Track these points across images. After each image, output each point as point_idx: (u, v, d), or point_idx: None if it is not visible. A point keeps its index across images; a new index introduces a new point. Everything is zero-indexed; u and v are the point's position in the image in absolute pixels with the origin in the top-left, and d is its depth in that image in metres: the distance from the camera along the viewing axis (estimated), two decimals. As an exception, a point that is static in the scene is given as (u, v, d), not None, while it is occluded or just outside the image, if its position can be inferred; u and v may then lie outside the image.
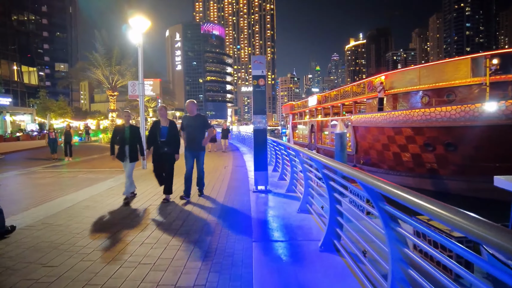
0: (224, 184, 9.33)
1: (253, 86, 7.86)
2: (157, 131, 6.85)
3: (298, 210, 6.10)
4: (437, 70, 17.52)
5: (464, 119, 14.51)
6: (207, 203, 7.12)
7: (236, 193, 7.98)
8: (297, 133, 43.13)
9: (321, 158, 4.42)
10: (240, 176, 10.95)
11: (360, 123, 21.60)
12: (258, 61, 7.88)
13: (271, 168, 11.61)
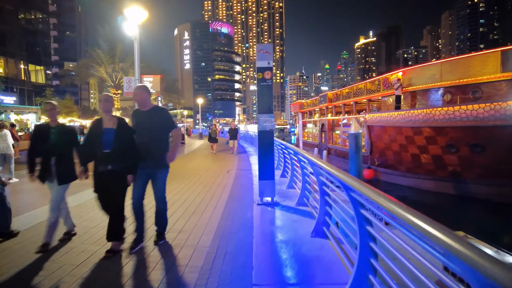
0: (225, 192, 8.14)
1: (258, 80, 6.64)
2: (97, 137, 4.13)
3: (312, 233, 4.87)
4: (461, 65, 16.01)
5: (494, 118, 13.04)
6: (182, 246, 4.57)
7: (237, 206, 6.79)
8: (307, 132, 41.74)
9: (347, 178, 3.24)
10: (244, 182, 9.75)
11: (375, 122, 20.17)
12: (264, 51, 6.65)
13: (279, 173, 10.39)
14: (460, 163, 15.40)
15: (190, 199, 7.49)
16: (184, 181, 10.02)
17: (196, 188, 8.78)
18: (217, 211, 6.36)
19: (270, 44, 6.79)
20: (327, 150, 30.70)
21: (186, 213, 6.24)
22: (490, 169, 14.36)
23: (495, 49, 14.99)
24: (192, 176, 11.10)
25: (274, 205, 6.69)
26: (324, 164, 4.26)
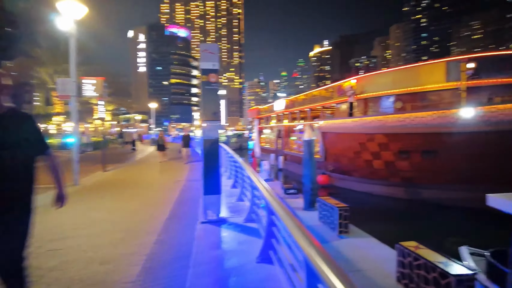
0: (166, 210, 7.24)
1: (202, 83, 5.92)
2: None
3: (259, 258, 4.22)
4: (411, 73, 16.58)
5: (441, 125, 13.49)
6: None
7: (178, 227, 5.96)
8: (264, 138, 41.59)
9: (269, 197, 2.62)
10: (192, 195, 8.91)
11: (329, 129, 20.29)
12: (209, 51, 5.96)
13: (230, 183, 9.70)
14: (412, 168, 15.80)
15: (123, 219, 6.50)
16: (119, 196, 8.90)
17: (133, 206, 7.74)
18: (153, 234, 5.47)
19: (215, 44, 6.11)
20: (284, 156, 30.64)
21: (114, 238, 5.29)
22: (439, 174, 14.85)
23: (440, 60, 15.71)
24: (131, 190, 9.97)
25: (220, 222, 5.97)
26: (261, 183, 3.64)
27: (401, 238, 10.53)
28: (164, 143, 19.29)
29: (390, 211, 15.85)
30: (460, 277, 4.76)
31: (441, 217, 14.15)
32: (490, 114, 12.18)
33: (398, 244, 6.05)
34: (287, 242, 3.92)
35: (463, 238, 11.36)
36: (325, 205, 9.97)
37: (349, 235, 9.36)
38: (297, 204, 13.32)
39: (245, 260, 4.26)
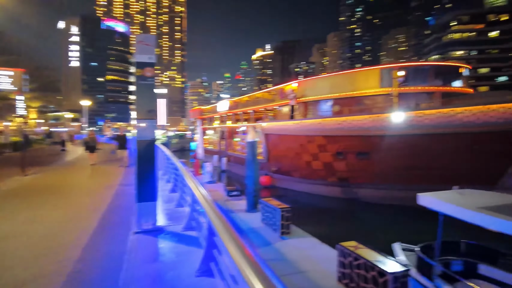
0: (95, 218, 6.47)
1: (137, 78, 5.36)
2: None
3: (199, 271, 3.86)
4: (348, 79, 17.46)
5: (375, 128, 14.34)
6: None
7: (107, 238, 5.32)
8: (207, 139, 40.82)
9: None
10: (126, 201, 8.16)
11: (272, 131, 20.51)
12: (145, 43, 5.43)
13: (169, 186, 9.12)
14: (348, 169, 16.58)
15: (41, 232, 5.62)
16: (39, 205, 7.78)
17: (55, 215, 6.79)
18: (76, 249, 4.78)
19: (152, 36, 5.58)
20: (227, 157, 30.32)
21: (28, 256, 4.51)
22: (373, 174, 15.79)
23: (375, 67, 16.81)
24: (54, 196, 8.82)
25: (156, 232, 5.45)
26: (195, 189, 3.32)
27: (339, 236, 10.84)
28: (96, 143, 17.58)
29: (328, 210, 16.46)
30: (395, 274, 4.93)
31: (375, 215, 15.07)
32: (418, 119, 13.26)
33: (338, 244, 6.12)
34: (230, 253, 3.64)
35: (396, 234, 12.18)
36: (268, 206, 9.90)
37: (291, 236, 9.39)
38: (240, 206, 13.09)
39: (184, 274, 3.87)
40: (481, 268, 6.59)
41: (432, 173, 13.97)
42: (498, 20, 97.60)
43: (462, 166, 13.06)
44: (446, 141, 12.92)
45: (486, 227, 5.31)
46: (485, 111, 11.66)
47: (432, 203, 6.30)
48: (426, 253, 6.65)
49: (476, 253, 6.94)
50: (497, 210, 5.38)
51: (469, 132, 12.13)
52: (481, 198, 6.31)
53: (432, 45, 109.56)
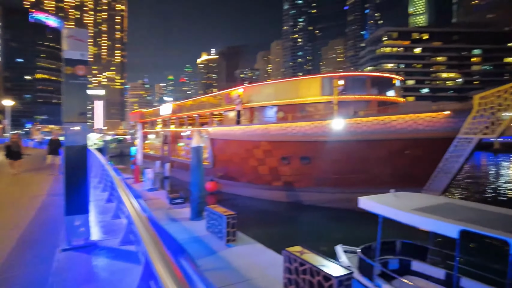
0: (15, 235, 5.64)
1: (66, 76, 4.79)
2: None
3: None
4: (291, 86, 17.95)
5: (317, 134, 14.87)
6: None
7: (29, 257, 4.62)
8: (148, 144, 39.05)
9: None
10: (54, 214, 7.28)
11: (218, 136, 20.24)
12: (76, 37, 4.88)
13: (105, 196, 8.38)
14: (292, 173, 16.95)
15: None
16: None
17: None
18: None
19: (84, 31, 5.04)
20: (170, 163, 29.23)
21: None
22: (315, 178, 16.33)
23: (317, 76, 17.56)
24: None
25: (89, 248, 4.89)
26: (126, 201, 3.01)
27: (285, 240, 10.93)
28: (20, 149, 15.48)
29: (274, 214, 16.64)
30: (340, 278, 5.04)
31: (318, 218, 15.57)
32: (356, 125, 14.04)
33: (284, 250, 6.09)
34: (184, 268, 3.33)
35: (337, 235, 12.69)
36: (213, 213, 9.62)
37: (237, 243, 9.22)
38: (184, 214, 12.57)
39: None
40: (414, 264, 7.06)
41: (369, 177, 14.89)
42: (421, 38, 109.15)
43: (395, 170, 14.11)
44: (381, 147, 13.87)
45: (419, 227, 5.67)
46: (415, 119, 12.77)
47: (371, 206, 6.60)
48: (366, 254, 6.93)
49: (409, 251, 7.43)
50: (428, 211, 5.78)
51: (401, 139, 13.17)
52: (414, 200, 6.77)
53: (366, 57, 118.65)
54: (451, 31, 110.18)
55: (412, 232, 6.74)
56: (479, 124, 11.22)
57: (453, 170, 12.43)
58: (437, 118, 12.33)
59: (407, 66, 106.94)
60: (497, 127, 10.82)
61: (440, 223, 5.21)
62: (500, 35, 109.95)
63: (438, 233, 5.48)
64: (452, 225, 5.00)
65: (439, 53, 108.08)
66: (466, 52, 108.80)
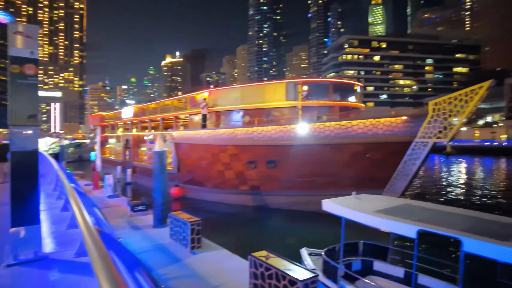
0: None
1: (12, 76, 4.41)
2: None
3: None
4: (258, 91, 18.06)
5: (282, 138, 15.03)
6: None
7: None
8: (109, 148, 37.45)
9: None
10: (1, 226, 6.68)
11: (183, 140, 19.82)
12: (25, 34, 4.52)
13: (61, 203, 7.85)
14: (258, 177, 16.97)
15: None
16: None
17: None
18: None
19: (35, 27, 4.66)
20: (132, 168, 28.19)
21: None
22: (280, 182, 16.47)
23: (281, 81, 17.81)
24: None
25: (40, 262, 4.50)
26: (77, 211, 2.82)
27: (252, 245, 10.86)
28: None
29: (240, 219, 16.53)
30: (305, 281, 5.07)
31: (284, 221, 15.67)
32: (319, 130, 14.37)
33: (250, 255, 6.03)
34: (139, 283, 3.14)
35: (301, 238, 12.83)
36: (177, 220, 9.35)
37: (202, 249, 9.02)
38: (147, 222, 12.12)
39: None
40: (376, 264, 7.28)
41: (332, 180, 15.27)
42: (380, 47, 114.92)
43: (357, 173, 14.59)
44: (343, 151, 14.30)
45: (380, 228, 5.85)
46: (375, 124, 13.31)
47: (334, 209, 6.72)
48: (330, 256, 7.03)
49: (371, 251, 7.66)
50: (388, 212, 5.98)
51: (362, 143, 13.66)
52: (375, 202, 6.99)
53: (329, 63, 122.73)
54: (407, 41, 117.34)
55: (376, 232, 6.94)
56: (433, 129, 11.93)
57: (411, 172, 13.08)
58: (396, 123, 12.94)
59: (367, 73, 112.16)
60: (448, 132, 11.56)
61: (399, 224, 5.39)
62: (449, 47, 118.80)
63: (398, 234, 5.69)
64: (411, 226, 5.19)
65: (396, 61, 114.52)
66: (420, 61, 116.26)
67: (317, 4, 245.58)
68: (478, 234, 4.63)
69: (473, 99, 10.89)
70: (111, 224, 11.24)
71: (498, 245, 4.27)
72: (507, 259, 4.23)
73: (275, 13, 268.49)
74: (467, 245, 4.51)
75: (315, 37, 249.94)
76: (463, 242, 4.55)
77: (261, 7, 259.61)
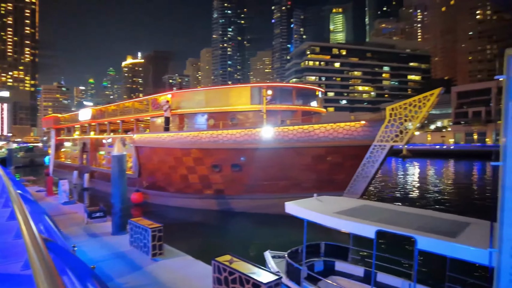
0: None
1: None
2: None
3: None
4: (223, 94, 17.98)
5: (247, 141, 15.08)
6: None
7: None
8: (64, 152, 35.41)
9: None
10: None
11: (144, 143, 19.19)
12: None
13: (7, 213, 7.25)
14: (223, 181, 16.85)
15: None
16: None
17: None
18: None
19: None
20: (90, 173, 26.83)
21: None
22: (246, 186, 16.48)
23: (246, 85, 17.90)
24: None
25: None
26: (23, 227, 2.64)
27: (216, 250, 10.76)
28: None
29: (204, 224, 16.30)
30: (269, 284, 5.10)
31: (248, 225, 15.68)
32: (283, 134, 14.60)
33: (213, 260, 5.96)
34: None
35: (265, 240, 12.91)
36: (137, 227, 9.02)
37: (164, 256, 8.77)
38: (105, 229, 11.59)
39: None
40: (337, 265, 7.49)
41: (296, 182, 15.56)
42: (340, 54, 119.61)
43: (319, 175, 14.98)
44: (306, 154, 14.64)
45: (340, 229, 6.03)
46: (335, 128, 13.79)
47: (296, 211, 6.82)
48: (293, 258, 7.13)
49: (333, 252, 7.87)
50: (348, 213, 6.18)
51: (324, 146, 14.08)
52: (335, 203, 7.19)
53: (292, 69, 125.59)
54: (365, 49, 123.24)
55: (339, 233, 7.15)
56: (390, 133, 12.60)
57: (370, 174, 13.68)
58: (355, 127, 13.48)
59: (328, 79, 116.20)
60: (404, 135, 12.26)
61: (359, 225, 5.59)
62: (403, 56, 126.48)
63: (357, 235, 5.89)
64: (369, 226, 5.39)
65: (355, 68, 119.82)
66: (378, 69, 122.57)
67: (281, 11, 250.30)
68: (430, 232, 4.92)
69: (426, 105, 11.65)
70: (66, 233, 10.61)
71: (447, 242, 4.56)
72: (455, 255, 4.53)
73: (240, 18, 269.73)
74: (421, 242, 4.77)
75: (279, 43, 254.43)
76: (417, 240, 4.80)
77: (225, 11, 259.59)
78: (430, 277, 8.61)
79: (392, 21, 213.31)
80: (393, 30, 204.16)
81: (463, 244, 4.46)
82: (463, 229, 5.08)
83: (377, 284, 6.32)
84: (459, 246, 4.46)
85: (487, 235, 4.38)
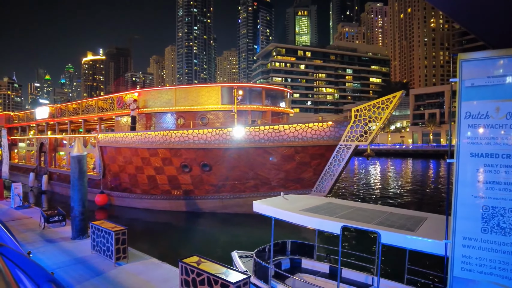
0: None
1: None
2: None
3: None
4: (192, 93, 17.68)
5: (218, 141, 14.99)
6: None
7: None
8: (18, 153, 33.14)
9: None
10: None
11: (109, 143, 18.43)
12: None
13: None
14: (193, 181, 16.60)
15: None
16: None
17: None
18: None
19: None
20: (48, 174, 25.34)
21: None
22: (215, 186, 16.37)
23: (216, 84, 17.75)
24: None
25: None
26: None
27: (182, 252, 10.58)
28: None
29: (171, 225, 16.00)
30: (237, 284, 5.12)
31: (217, 225, 15.61)
32: (254, 134, 14.67)
33: (180, 261, 5.88)
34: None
35: (235, 241, 12.91)
36: (100, 230, 8.65)
37: (129, 260, 8.50)
38: (64, 234, 11.01)
39: None
40: (303, 262, 7.66)
41: (264, 181, 15.72)
42: (305, 56, 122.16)
43: (287, 174, 15.23)
44: (275, 154, 14.84)
45: (307, 226, 6.17)
46: (304, 128, 14.08)
47: (264, 209, 6.89)
48: (260, 257, 7.18)
49: (299, 250, 8.04)
50: (314, 211, 6.34)
51: (292, 146, 14.33)
52: (302, 201, 7.35)
53: (258, 70, 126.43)
54: (329, 52, 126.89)
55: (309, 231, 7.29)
56: (355, 133, 13.11)
57: (336, 172, 14.12)
58: (322, 127, 13.86)
59: (293, 81, 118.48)
60: (369, 136, 12.80)
61: (325, 221, 5.75)
62: (365, 59, 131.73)
63: (324, 231, 6.06)
64: (335, 223, 5.57)
65: (320, 70, 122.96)
66: (341, 71, 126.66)
67: (247, 11, 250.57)
68: (392, 227, 5.19)
69: (389, 107, 12.24)
70: (19, 239, 9.92)
71: (407, 236, 4.85)
72: (415, 247, 4.83)
73: (206, 16, 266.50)
74: (384, 237, 5.02)
75: (245, 43, 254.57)
76: (380, 235, 5.04)
77: (190, 9, 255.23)
78: (392, 271, 9.05)
79: (354, 25, 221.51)
80: (355, 34, 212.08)
81: (422, 237, 4.77)
82: (421, 223, 5.41)
83: (342, 280, 6.54)
84: (418, 239, 4.76)
85: (443, 228, 4.70)
